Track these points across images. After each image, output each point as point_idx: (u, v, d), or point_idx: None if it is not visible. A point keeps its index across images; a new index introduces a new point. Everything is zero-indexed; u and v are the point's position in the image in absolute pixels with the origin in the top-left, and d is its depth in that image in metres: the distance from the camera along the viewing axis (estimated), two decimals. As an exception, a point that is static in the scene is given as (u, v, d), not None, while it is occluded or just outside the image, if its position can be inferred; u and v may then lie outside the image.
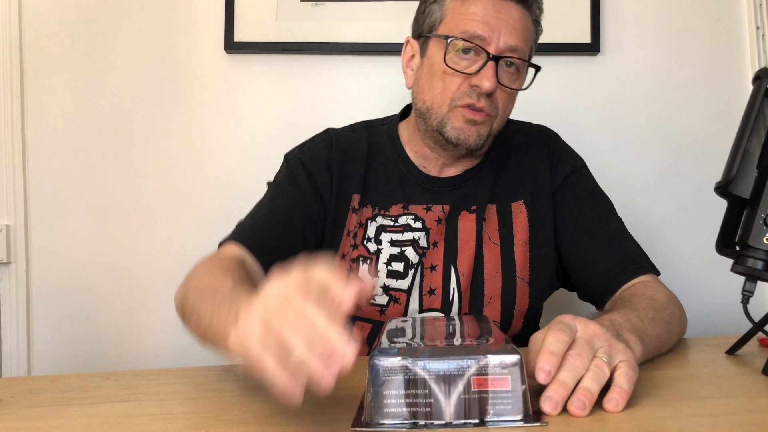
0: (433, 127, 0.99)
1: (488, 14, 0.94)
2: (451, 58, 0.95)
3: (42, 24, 1.46)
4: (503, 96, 0.98)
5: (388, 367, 0.55)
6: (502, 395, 0.55)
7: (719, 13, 1.52)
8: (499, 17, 0.94)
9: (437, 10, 0.99)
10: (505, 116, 1.00)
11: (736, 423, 0.59)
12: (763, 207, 0.74)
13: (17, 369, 1.43)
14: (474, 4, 0.95)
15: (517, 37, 0.95)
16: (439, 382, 0.55)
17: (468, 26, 0.94)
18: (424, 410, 0.55)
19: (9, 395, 0.75)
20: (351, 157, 1.05)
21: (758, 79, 0.79)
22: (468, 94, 0.95)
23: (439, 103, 0.97)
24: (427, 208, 1.03)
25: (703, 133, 1.51)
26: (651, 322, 0.80)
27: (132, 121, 1.46)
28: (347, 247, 1.03)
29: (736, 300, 0.77)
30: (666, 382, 0.73)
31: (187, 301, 0.82)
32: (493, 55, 0.94)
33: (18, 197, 1.43)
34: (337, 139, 1.07)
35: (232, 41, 1.45)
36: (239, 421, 0.63)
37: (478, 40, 0.94)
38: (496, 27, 0.94)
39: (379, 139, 1.08)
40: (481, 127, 0.97)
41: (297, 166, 1.05)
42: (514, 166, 1.08)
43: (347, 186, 1.04)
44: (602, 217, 1.04)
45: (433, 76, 0.98)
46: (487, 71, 0.93)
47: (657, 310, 0.85)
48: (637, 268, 0.98)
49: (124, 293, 1.45)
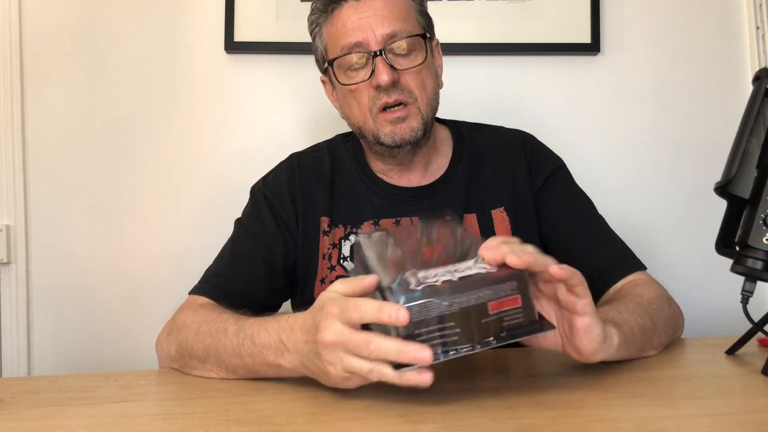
0: (372, 142, 1.01)
1: (353, 20, 0.97)
2: (344, 78, 0.99)
3: (42, 24, 1.46)
4: (411, 78, 0.98)
5: (417, 310, 0.60)
6: (514, 312, 0.63)
7: (719, 13, 1.52)
8: (364, 15, 0.96)
9: (319, 43, 1.04)
10: (428, 95, 1.00)
11: (736, 423, 0.59)
12: (762, 207, 0.74)
13: (17, 369, 1.43)
14: (339, 18, 0.99)
15: (390, 21, 0.96)
16: (462, 314, 0.61)
17: (343, 41, 0.98)
18: (452, 339, 0.61)
19: (9, 395, 0.75)
20: (315, 181, 1.06)
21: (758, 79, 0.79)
22: (377, 96, 0.97)
23: (363, 120, 1.00)
24: (396, 222, 1.04)
25: (703, 133, 1.51)
26: (631, 314, 0.80)
27: (132, 121, 1.46)
28: (325, 270, 1.03)
29: (736, 300, 0.77)
30: (666, 382, 0.73)
31: (191, 348, 0.84)
32: (375, 51, 0.96)
33: (18, 197, 1.43)
34: (299, 164, 1.09)
35: (232, 41, 1.45)
36: (239, 421, 0.63)
37: (357, 48, 0.97)
38: (366, 26, 0.96)
39: (342, 158, 1.10)
40: (410, 120, 0.98)
41: (261, 200, 1.06)
42: (491, 174, 1.07)
43: (314, 211, 1.05)
44: (584, 218, 1.05)
45: (345, 99, 1.02)
46: (377, 68, 0.95)
47: (639, 304, 0.85)
48: (623, 268, 0.97)
49: (124, 293, 1.45)
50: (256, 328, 0.77)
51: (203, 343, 0.82)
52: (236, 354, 0.78)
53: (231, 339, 0.79)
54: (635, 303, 0.85)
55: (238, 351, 0.77)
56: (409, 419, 0.62)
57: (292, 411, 0.66)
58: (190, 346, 0.84)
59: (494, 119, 1.20)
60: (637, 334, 0.79)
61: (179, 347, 0.86)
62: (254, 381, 0.78)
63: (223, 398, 0.73)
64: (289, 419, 0.64)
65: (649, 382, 0.72)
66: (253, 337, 0.76)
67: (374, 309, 0.61)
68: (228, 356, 0.79)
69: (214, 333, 0.81)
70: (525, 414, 0.62)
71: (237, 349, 0.77)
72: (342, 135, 1.15)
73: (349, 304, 0.64)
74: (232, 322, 0.81)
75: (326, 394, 0.70)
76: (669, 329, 0.89)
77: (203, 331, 0.83)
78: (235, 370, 0.79)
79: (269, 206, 1.05)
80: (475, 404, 0.66)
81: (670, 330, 0.89)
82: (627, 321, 0.78)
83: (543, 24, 1.46)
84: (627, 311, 0.81)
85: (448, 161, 1.09)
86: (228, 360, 0.79)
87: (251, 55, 1.47)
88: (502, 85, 1.50)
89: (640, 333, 0.80)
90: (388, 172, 1.07)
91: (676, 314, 0.93)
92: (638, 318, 0.81)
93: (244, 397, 0.73)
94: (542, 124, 1.46)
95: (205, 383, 0.80)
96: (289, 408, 0.67)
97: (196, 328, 0.85)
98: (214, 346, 0.80)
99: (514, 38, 1.46)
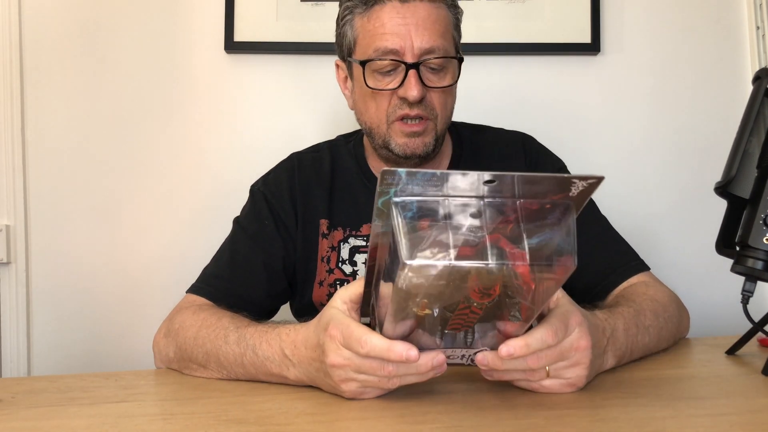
0: (380, 145, 1.00)
1: (394, 23, 0.93)
2: (372, 80, 0.96)
3: (42, 24, 1.46)
4: (437, 96, 0.97)
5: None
6: None
7: (719, 13, 1.52)
8: (407, 22, 0.92)
9: (349, 32, 0.98)
10: (447, 114, 1.00)
11: (736, 423, 0.59)
12: (763, 207, 0.74)
13: (17, 369, 1.42)
14: (378, 16, 0.94)
15: (431, 36, 0.93)
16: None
17: (379, 43, 0.93)
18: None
19: (9, 395, 0.75)
20: (314, 183, 1.05)
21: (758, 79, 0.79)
22: (399, 106, 0.95)
23: (377, 123, 0.98)
24: None
25: (703, 133, 1.50)
26: (644, 332, 0.81)
27: (132, 121, 1.46)
28: (323, 273, 1.03)
29: (736, 300, 0.77)
30: (666, 382, 0.73)
31: (190, 353, 0.84)
32: (411, 64, 0.93)
33: (18, 197, 1.43)
34: (299, 164, 1.08)
35: (232, 41, 1.45)
36: (239, 421, 0.63)
37: (392, 55, 0.93)
38: (406, 34, 0.92)
39: (342, 159, 1.09)
40: (424, 136, 0.97)
41: (260, 200, 1.05)
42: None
43: (313, 213, 1.04)
44: (586, 220, 1.03)
45: (364, 97, 0.99)
46: (409, 81, 0.93)
47: (656, 315, 0.85)
48: (625, 270, 0.97)
49: (124, 293, 1.45)
50: (257, 339, 0.77)
51: (203, 349, 0.82)
52: (238, 363, 0.78)
53: (232, 348, 0.79)
54: (653, 313, 0.85)
55: (240, 360, 0.78)
56: (409, 419, 0.62)
57: (292, 411, 0.66)
58: (189, 351, 0.84)
59: (494, 119, 1.20)
60: (639, 343, 0.80)
61: (178, 350, 0.86)
62: (254, 381, 0.78)
63: (223, 398, 0.73)
64: (289, 419, 0.64)
65: (649, 382, 0.72)
66: (255, 348, 0.76)
67: (383, 348, 0.62)
68: (230, 364, 0.79)
69: (214, 339, 0.81)
70: (525, 414, 0.62)
71: (239, 359, 0.78)
72: (343, 136, 1.14)
73: (353, 337, 0.64)
74: (232, 329, 0.81)
75: (326, 394, 0.70)
76: (673, 338, 0.90)
77: (202, 336, 0.83)
78: (238, 376, 0.79)
79: (269, 207, 1.04)
80: (475, 404, 0.66)
81: (674, 338, 0.90)
82: (636, 346, 0.79)
83: (543, 24, 1.46)
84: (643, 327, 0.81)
85: (448, 163, 1.08)
86: (230, 367, 0.79)
87: (251, 55, 1.47)
88: (502, 85, 1.49)
89: (639, 354, 0.81)
90: None
91: (683, 320, 0.93)
92: (647, 338, 0.82)
93: (244, 397, 0.73)
94: (542, 124, 1.46)
95: (205, 383, 0.80)
96: (289, 408, 0.67)
97: (195, 332, 0.85)
98: (214, 353, 0.80)
99: (514, 38, 1.46)
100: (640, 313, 0.83)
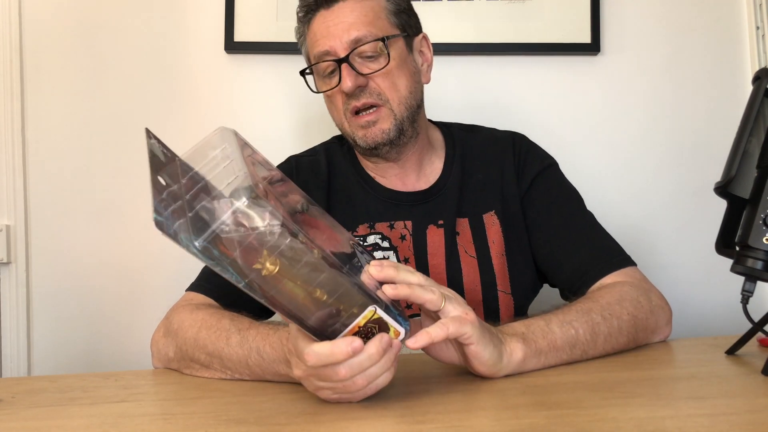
0: (352, 144, 1.04)
1: (322, 29, 0.99)
2: (321, 84, 1.03)
3: (42, 24, 1.46)
4: (381, 80, 0.99)
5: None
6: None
7: (719, 13, 1.52)
8: (332, 23, 0.98)
9: (304, 52, 1.07)
10: (401, 94, 1.00)
11: (736, 423, 0.59)
12: (762, 207, 0.74)
13: (17, 369, 1.42)
14: (311, 28, 1.01)
15: (355, 27, 0.97)
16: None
17: (315, 50, 1.00)
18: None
19: (9, 395, 0.75)
20: (312, 185, 1.07)
21: (758, 79, 0.79)
22: (347, 101, 1.00)
23: (340, 123, 1.04)
24: (390, 226, 1.04)
25: (703, 133, 1.51)
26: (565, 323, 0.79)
27: (132, 121, 1.46)
28: None
29: (736, 300, 0.77)
30: (666, 382, 0.73)
31: (191, 354, 0.84)
32: (339, 59, 0.97)
33: (18, 197, 1.43)
34: (297, 167, 1.10)
35: (232, 41, 1.45)
36: (239, 421, 0.63)
37: (327, 56, 0.99)
38: (333, 33, 0.98)
39: (338, 160, 1.11)
40: (380, 123, 0.99)
41: None
42: (482, 177, 1.07)
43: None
44: (571, 215, 1.03)
45: (327, 103, 1.05)
46: (342, 75, 0.97)
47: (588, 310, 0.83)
48: (603, 266, 0.95)
49: (124, 293, 1.45)
50: (260, 341, 0.77)
51: (205, 350, 0.82)
52: (243, 364, 0.78)
53: (235, 350, 0.79)
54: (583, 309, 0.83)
55: (245, 362, 0.78)
56: (409, 419, 0.62)
57: (292, 411, 0.66)
58: (190, 351, 0.84)
59: (494, 119, 1.20)
60: (564, 342, 0.78)
61: (178, 350, 0.86)
62: (254, 381, 0.78)
63: (223, 398, 0.73)
64: (289, 419, 0.64)
65: (649, 382, 0.72)
66: (259, 351, 0.77)
67: (326, 354, 0.62)
68: (234, 365, 0.79)
69: (215, 341, 0.81)
70: (525, 414, 0.62)
71: (244, 360, 0.78)
72: (337, 137, 1.15)
73: (299, 351, 0.64)
74: (233, 332, 0.81)
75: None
76: (631, 331, 0.85)
77: (203, 338, 0.83)
78: (243, 376, 0.80)
79: None
80: (475, 404, 0.66)
81: (633, 331, 0.85)
82: (549, 331, 0.78)
83: (543, 24, 1.46)
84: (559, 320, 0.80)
85: (442, 164, 1.09)
86: (235, 368, 0.80)
87: (251, 55, 1.47)
88: (501, 85, 1.50)
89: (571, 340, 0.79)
90: (382, 173, 1.08)
91: (647, 316, 0.88)
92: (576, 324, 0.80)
93: (244, 397, 0.73)
94: (542, 124, 1.47)
95: (205, 383, 0.80)
96: (289, 408, 0.67)
97: (195, 333, 0.85)
98: (217, 355, 0.81)
99: (514, 38, 1.46)
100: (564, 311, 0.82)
